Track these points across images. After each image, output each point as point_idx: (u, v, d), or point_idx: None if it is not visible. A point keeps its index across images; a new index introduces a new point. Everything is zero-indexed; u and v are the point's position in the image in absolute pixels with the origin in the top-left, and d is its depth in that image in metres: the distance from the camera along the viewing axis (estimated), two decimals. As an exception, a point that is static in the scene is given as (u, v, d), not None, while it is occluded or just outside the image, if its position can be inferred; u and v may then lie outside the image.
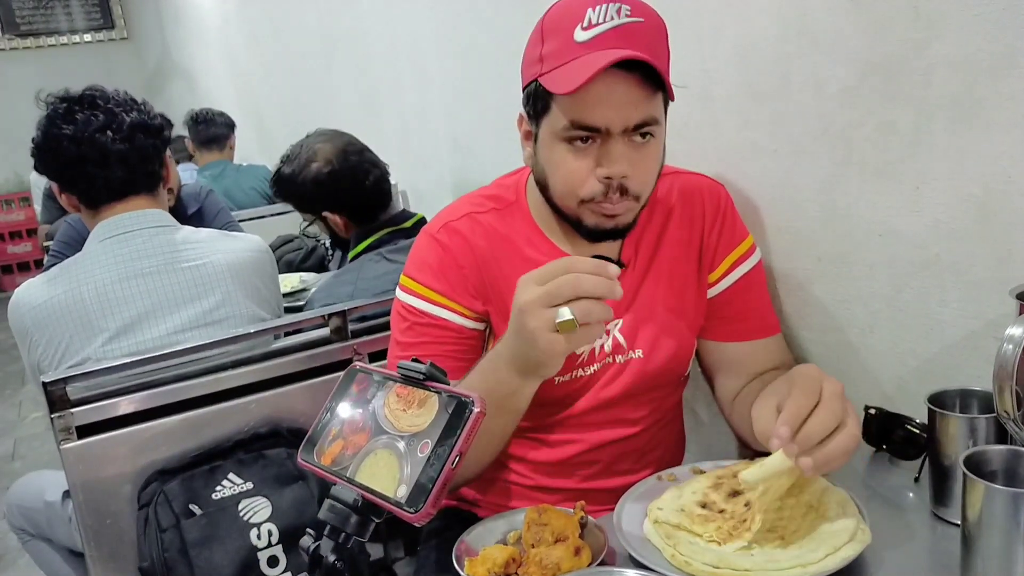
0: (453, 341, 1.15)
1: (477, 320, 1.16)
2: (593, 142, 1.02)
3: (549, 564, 0.86)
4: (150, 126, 1.58)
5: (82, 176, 1.55)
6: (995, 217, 0.99)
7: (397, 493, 0.62)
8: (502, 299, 1.14)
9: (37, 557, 1.92)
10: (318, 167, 1.80)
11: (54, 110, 1.53)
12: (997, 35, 0.94)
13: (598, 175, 1.03)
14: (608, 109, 0.99)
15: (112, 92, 1.57)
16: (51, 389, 1.30)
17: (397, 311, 1.17)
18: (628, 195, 1.04)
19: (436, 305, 1.14)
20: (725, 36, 1.31)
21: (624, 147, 1.01)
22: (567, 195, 1.07)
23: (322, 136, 1.87)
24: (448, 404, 0.64)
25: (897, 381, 1.17)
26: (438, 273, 1.14)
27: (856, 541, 0.84)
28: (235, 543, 1.30)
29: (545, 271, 0.88)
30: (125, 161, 1.54)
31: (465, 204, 1.19)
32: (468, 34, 2.15)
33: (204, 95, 5.49)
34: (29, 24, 7.17)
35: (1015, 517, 0.73)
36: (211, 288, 1.55)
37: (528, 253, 1.15)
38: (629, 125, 1.01)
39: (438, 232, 1.16)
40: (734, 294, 1.21)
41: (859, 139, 1.13)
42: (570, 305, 0.85)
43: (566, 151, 1.04)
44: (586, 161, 1.03)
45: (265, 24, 3.94)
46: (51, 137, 1.52)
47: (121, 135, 1.53)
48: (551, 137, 1.05)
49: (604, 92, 0.98)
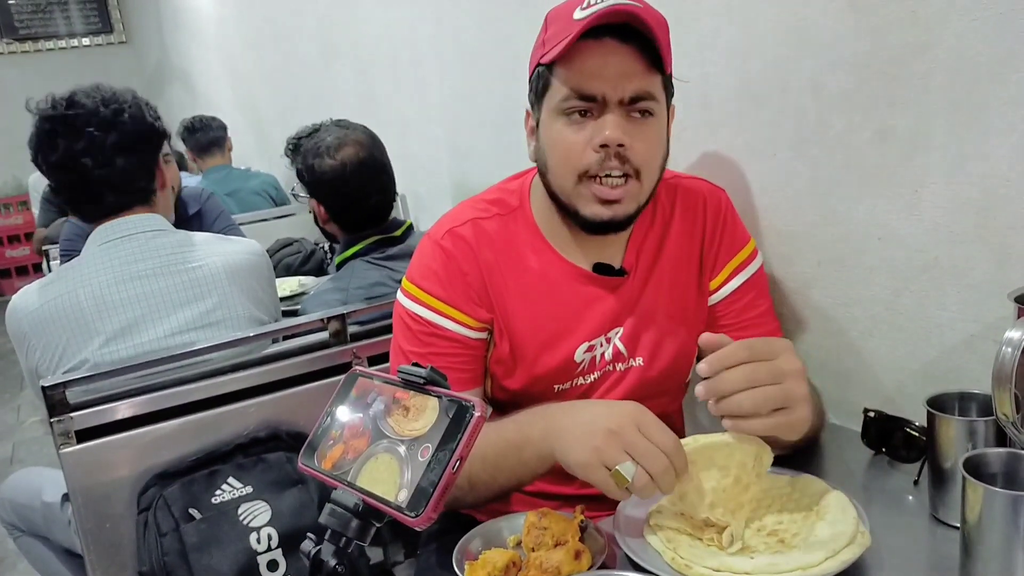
0: (457, 352, 1.14)
1: (481, 329, 1.15)
2: (591, 116, 1.04)
3: (549, 568, 0.86)
4: (134, 144, 1.54)
5: (71, 199, 1.58)
6: (994, 220, 0.99)
7: (398, 497, 0.62)
8: (505, 307, 1.15)
9: (29, 554, 1.91)
10: (332, 164, 1.76)
11: (40, 128, 1.51)
12: (995, 39, 0.95)
13: (594, 144, 1.03)
14: (604, 79, 1.01)
15: (93, 105, 1.51)
16: (50, 393, 1.30)
17: (401, 318, 1.16)
18: (629, 170, 1.04)
19: (442, 316, 1.13)
20: (723, 40, 1.31)
21: (620, 118, 1.02)
22: (565, 173, 1.07)
23: (357, 133, 1.82)
24: (449, 408, 0.64)
25: (896, 384, 1.17)
26: (444, 282, 1.13)
27: (856, 544, 0.84)
28: (235, 547, 1.30)
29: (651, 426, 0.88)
30: (109, 184, 1.53)
31: (469, 209, 1.18)
32: (467, 39, 2.16)
33: (202, 99, 5.49)
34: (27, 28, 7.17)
35: (1014, 520, 0.73)
36: (208, 290, 1.54)
37: (531, 261, 1.15)
38: (625, 96, 1.02)
39: (443, 238, 1.15)
40: (736, 300, 1.20)
41: (858, 143, 1.13)
42: (638, 472, 0.86)
43: (564, 126, 1.05)
44: (583, 134, 1.04)
45: (264, 28, 3.94)
46: (40, 161, 1.52)
47: (102, 159, 1.50)
48: (551, 115, 1.07)
49: (600, 63, 1.01)
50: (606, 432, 0.88)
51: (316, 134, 1.83)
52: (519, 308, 1.15)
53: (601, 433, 0.88)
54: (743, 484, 0.92)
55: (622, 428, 0.87)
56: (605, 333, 1.16)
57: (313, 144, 1.80)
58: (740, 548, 0.88)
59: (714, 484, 0.91)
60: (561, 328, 1.16)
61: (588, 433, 0.89)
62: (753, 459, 0.92)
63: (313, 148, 1.79)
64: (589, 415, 0.92)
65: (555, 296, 1.15)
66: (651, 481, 0.86)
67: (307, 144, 1.81)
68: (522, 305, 1.15)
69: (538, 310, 1.15)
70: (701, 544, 0.90)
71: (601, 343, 1.17)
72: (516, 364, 1.17)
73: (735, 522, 0.91)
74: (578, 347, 1.16)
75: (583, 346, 1.16)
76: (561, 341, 1.16)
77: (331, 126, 1.85)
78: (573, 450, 0.91)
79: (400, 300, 1.17)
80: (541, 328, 1.15)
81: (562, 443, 0.93)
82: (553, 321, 1.15)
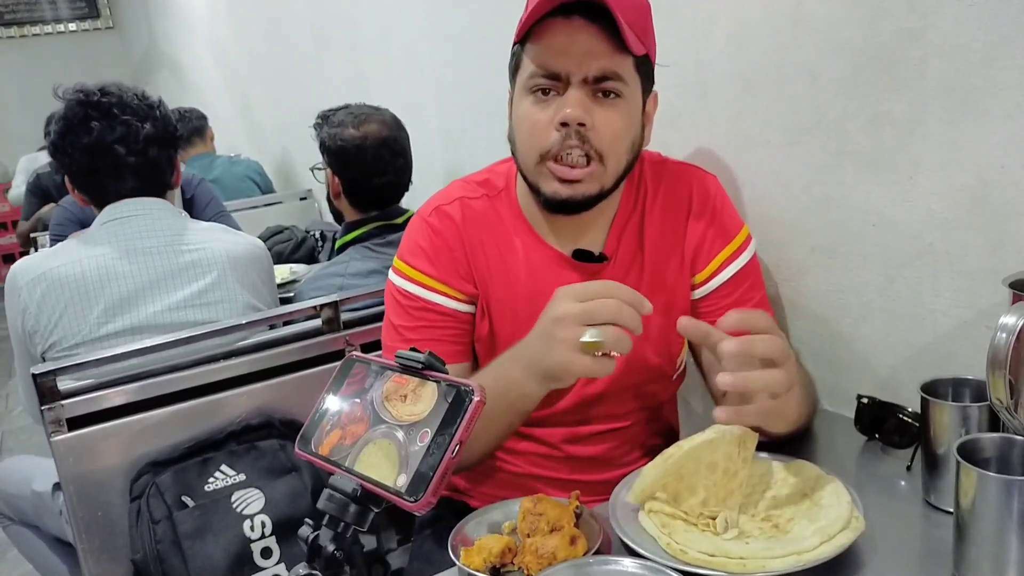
0: (448, 325, 1.15)
1: (468, 303, 1.16)
2: (556, 94, 1.04)
3: (545, 553, 0.86)
4: (164, 137, 1.62)
5: (94, 183, 1.59)
6: (988, 206, 0.99)
7: (397, 482, 0.62)
8: (490, 284, 1.15)
9: (19, 543, 1.91)
10: (353, 134, 1.82)
11: (72, 112, 1.54)
12: (991, 25, 0.94)
13: (555, 122, 1.03)
14: (568, 56, 1.01)
15: (129, 98, 1.58)
16: (41, 381, 1.29)
17: (391, 294, 1.18)
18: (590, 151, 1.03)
19: (430, 290, 1.15)
20: (718, 26, 1.30)
21: (582, 96, 1.02)
22: (528, 150, 1.07)
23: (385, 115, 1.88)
24: (447, 393, 0.64)
25: (890, 370, 1.17)
26: (431, 256, 1.15)
27: (850, 529, 0.85)
28: (228, 535, 1.30)
29: (586, 289, 0.90)
30: (138, 173, 1.58)
31: (457, 189, 1.20)
32: (459, 25, 2.14)
33: (191, 86, 5.44)
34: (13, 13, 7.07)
35: (1007, 504, 0.74)
36: (208, 270, 1.57)
37: (515, 244, 1.16)
38: (589, 75, 1.01)
39: (430, 216, 1.17)
40: (728, 292, 1.18)
41: (853, 129, 1.13)
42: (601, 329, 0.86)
43: (530, 104, 1.05)
44: (547, 112, 1.04)
45: (254, 13, 3.90)
46: (67, 143, 1.55)
47: (136, 148, 1.56)
48: (520, 93, 1.07)
49: (566, 40, 1.01)
50: (553, 323, 0.90)
51: (345, 108, 1.89)
52: (500, 289, 1.16)
53: (551, 329, 0.90)
54: (731, 472, 0.93)
55: (563, 310, 0.89)
56: None
57: (340, 117, 1.86)
58: (736, 534, 0.89)
59: (704, 482, 0.92)
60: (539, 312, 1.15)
61: (546, 339, 0.91)
62: (738, 446, 0.93)
63: (339, 120, 1.85)
64: (538, 328, 0.94)
65: (535, 280, 1.15)
66: (618, 330, 0.87)
67: (335, 117, 1.87)
68: (503, 286, 1.16)
69: (517, 293, 1.15)
70: (696, 529, 0.90)
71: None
72: (494, 345, 1.17)
73: (728, 508, 0.92)
74: None
75: None
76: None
77: (363, 104, 1.92)
78: (548, 361, 0.92)
79: (391, 278, 1.18)
80: (519, 311, 1.15)
81: (540, 366, 0.94)
82: (531, 304, 1.14)
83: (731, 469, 0.92)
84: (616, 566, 0.82)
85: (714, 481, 0.92)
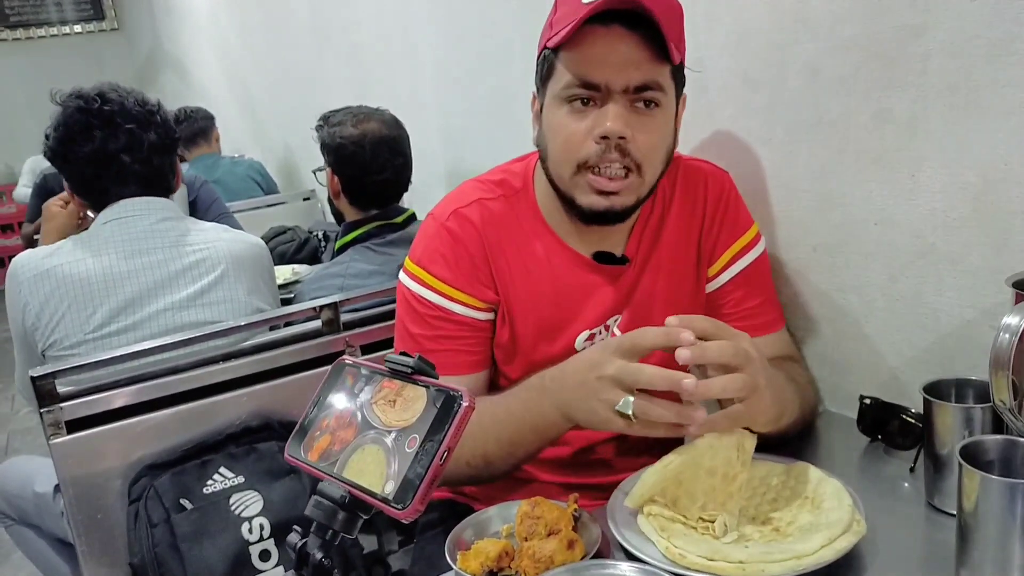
0: (467, 335, 1.13)
1: (488, 311, 1.14)
2: (594, 104, 1.01)
3: (542, 557, 0.85)
4: (167, 144, 1.61)
5: (96, 189, 1.58)
6: (991, 205, 0.98)
7: (384, 489, 0.61)
8: (511, 288, 1.13)
9: (21, 543, 1.91)
10: (352, 132, 1.83)
11: (72, 119, 1.53)
12: (994, 21, 0.93)
13: (595, 135, 1.01)
14: (608, 67, 0.99)
15: (130, 105, 1.56)
16: (40, 384, 1.29)
17: (407, 300, 1.14)
18: (630, 164, 1.02)
19: (450, 300, 1.11)
20: (720, 24, 1.29)
21: (623, 108, 1.00)
22: (564, 161, 1.04)
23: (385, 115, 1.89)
24: (436, 398, 0.63)
25: (892, 371, 1.16)
26: (452, 264, 1.11)
27: (851, 532, 0.84)
28: (227, 537, 1.29)
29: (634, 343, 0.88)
30: (141, 180, 1.58)
31: (474, 190, 1.16)
32: (461, 24, 2.13)
33: (196, 86, 5.45)
34: (19, 15, 7.09)
35: (1011, 507, 0.72)
36: (210, 271, 1.56)
37: (535, 246, 1.13)
38: (630, 85, 0.99)
39: (448, 220, 1.13)
40: (735, 288, 1.18)
41: (855, 127, 1.12)
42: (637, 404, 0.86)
43: (566, 113, 1.03)
44: (585, 123, 1.01)
45: (256, 13, 3.90)
46: (68, 150, 1.54)
47: (140, 156, 1.56)
48: (554, 101, 1.04)
49: (606, 50, 0.98)
50: (598, 380, 0.89)
51: (347, 108, 1.90)
52: (521, 292, 1.14)
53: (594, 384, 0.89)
54: (730, 476, 0.92)
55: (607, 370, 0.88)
56: (605, 322, 1.15)
57: (340, 116, 1.87)
58: (736, 538, 0.88)
59: (704, 487, 0.91)
60: (562, 316, 1.14)
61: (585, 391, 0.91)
62: (736, 450, 0.92)
63: (339, 119, 1.86)
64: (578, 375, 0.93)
65: (557, 283, 1.13)
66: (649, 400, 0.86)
67: (335, 117, 1.89)
68: (524, 289, 1.14)
69: (540, 296, 1.14)
70: (695, 533, 0.89)
71: (601, 332, 1.15)
72: (515, 351, 1.16)
73: (727, 512, 0.90)
74: (578, 336, 1.14)
75: (584, 335, 1.15)
76: (562, 330, 1.14)
77: (364, 106, 1.93)
78: (585, 413, 0.92)
79: (405, 282, 1.14)
80: (542, 315, 1.14)
81: (575, 414, 0.94)
82: (554, 309, 1.14)
83: (730, 473, 0.91)
84: (613, 570, 0.81)
85: (713, 485, 0.91)
